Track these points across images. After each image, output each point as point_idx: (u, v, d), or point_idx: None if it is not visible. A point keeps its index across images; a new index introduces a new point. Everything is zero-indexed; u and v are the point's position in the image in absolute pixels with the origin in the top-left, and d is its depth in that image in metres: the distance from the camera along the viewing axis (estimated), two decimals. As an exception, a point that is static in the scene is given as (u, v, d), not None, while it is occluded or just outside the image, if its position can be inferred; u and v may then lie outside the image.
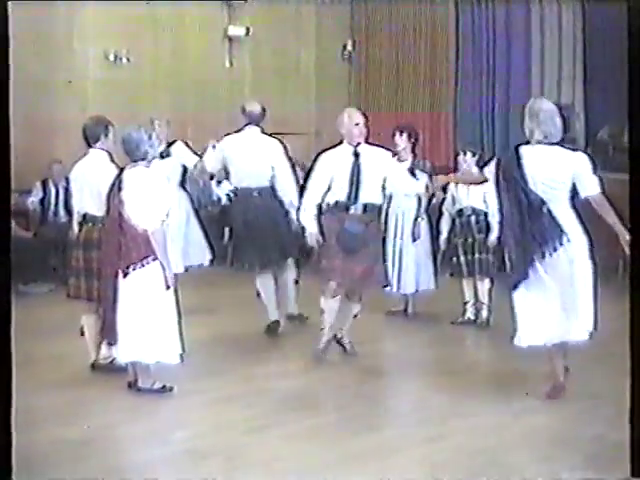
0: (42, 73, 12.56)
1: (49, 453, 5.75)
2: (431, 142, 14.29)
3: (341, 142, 7.78)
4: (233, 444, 5.94)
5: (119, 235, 6.70)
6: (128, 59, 13.30)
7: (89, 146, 7.47)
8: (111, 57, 13.22)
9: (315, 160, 7.86)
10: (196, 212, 9.53)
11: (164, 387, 6.93)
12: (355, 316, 7.95)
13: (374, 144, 7.79)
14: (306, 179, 8.07)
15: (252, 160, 8.69)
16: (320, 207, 7.74)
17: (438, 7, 14.60)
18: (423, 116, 14.59)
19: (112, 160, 7.36)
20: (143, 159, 6.72)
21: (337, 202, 7.65)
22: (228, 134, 9.00)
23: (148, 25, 13.47)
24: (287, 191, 8.75)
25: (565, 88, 13.60)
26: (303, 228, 7.93)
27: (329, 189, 7.68)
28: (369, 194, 7.66)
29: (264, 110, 8.96)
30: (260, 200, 8.73)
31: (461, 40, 14.43)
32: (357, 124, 7.69)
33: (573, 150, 6.71)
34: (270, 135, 8.92)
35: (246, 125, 8.88)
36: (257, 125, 8.86)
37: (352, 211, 7.64)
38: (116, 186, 6.75)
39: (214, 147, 8.89)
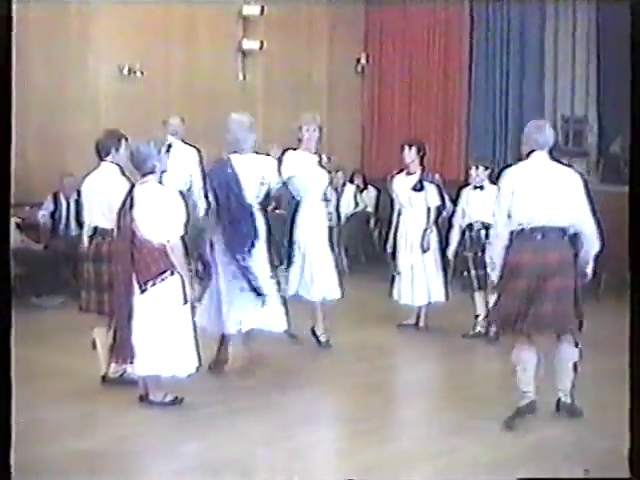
0: (55, 87, 12.60)
1: (61, 465, 5.75)
2: (443, 155, 14.30)
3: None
4: (245, 457, 5.92)
5: (132, 251, 6.66)
6: (142, 72, 13.32)
7: (100, 159, 7.50)
8: (125, 71, 13.24)
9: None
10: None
11: (175, 399, 6.93)
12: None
13: None
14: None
15: (174, 167, 8.90)
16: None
17: (452, 21, 14.61)
18: (435, 129, 14.61)
19: (123, 174, 7.38)
20: (151, 173, 6.73)
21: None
22: None
23: (161, 39, 13.48)
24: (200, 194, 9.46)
25: (578, 100, 13.58)
26: None
27: None
28: None
29: (183, 120, 10.59)
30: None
31: (475, 53, 14.44)
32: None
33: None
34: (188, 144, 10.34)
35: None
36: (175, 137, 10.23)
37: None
38: (127, 203, 6.73)
39: None
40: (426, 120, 14.77)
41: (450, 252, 9.35)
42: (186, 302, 6.65)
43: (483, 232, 8.99)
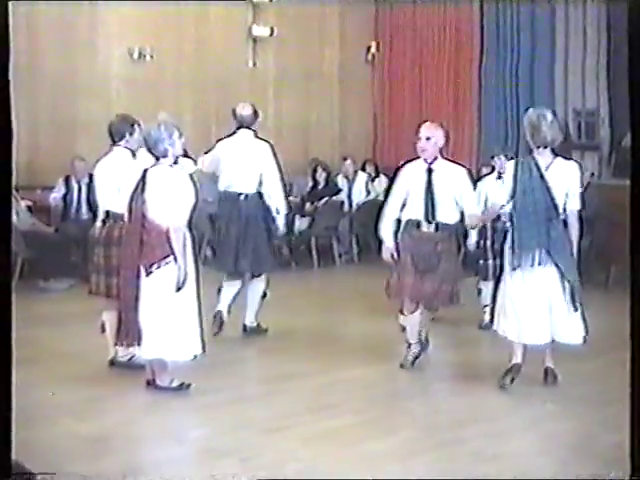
0: (66, 71, 12.61)
1: (66, 447, 5.77)
2: (454, 145, 14.21)
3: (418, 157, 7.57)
4: (249, 444, 5.93)
5: (141, 234, 6.69)
6: (152, 56, 13.33)
7: (113, 143, 7.50)
8: (135, 54, 13.26)
9: (395, 173, 7.79)
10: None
11: (182, 385, 6.93)
12: (433, 319, 8.15)
13: (451, 160, 7.55)
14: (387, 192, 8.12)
15: (243, 164, 8.52)
16: (399, 222, 7.59)
17: (463, 9, 14.55)
18: (447, 118, 14.56)
19: (135, 158, 7.38)
20: (164, 157, 6.72)
21: (410, 220, 7.50)
22: (221, 139, 8.84)
23: (172, 23, 13.49)
24: (274, 196, 8.58)
25: (589, 93, 13.51)
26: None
27: (404, 205, 7.52)
28: (443, 213, 7.43)
29: (256, 113, 8.73)
30: (245, 205, 8.55)
31: (486, 43, 14.39)
32: (428, 138, 7.40)
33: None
34: (261, 139, 8.71)
35: (238, 128, 8.69)
36: (249, 128, 8.65)
37: (425, 229, 7.47)
38: (139, 186, 6.75)
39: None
40: (437, 109, 14.73)
41: (471, 245, 9.22)
42: (179, 290, 6.63)
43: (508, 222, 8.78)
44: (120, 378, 7.21)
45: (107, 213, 7.45)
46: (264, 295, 8.79)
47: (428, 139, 7.40)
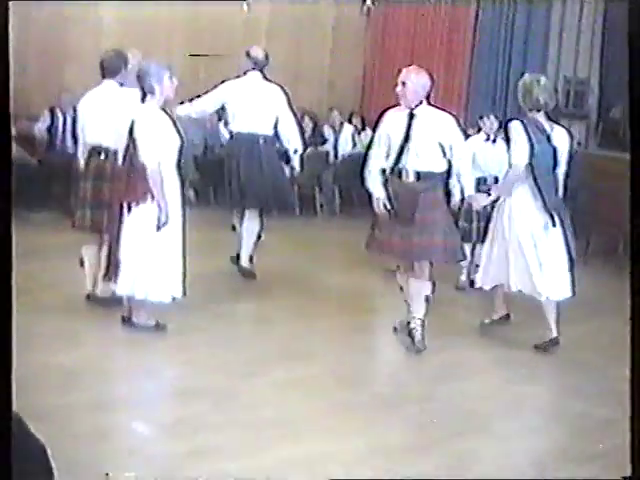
0: (57, 3, 12.47)
1: (34, 379, 5.76)
2: (442, 103, 14.14)
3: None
4: (223, 386, 5.97)
5: (130, 171, 6.72)
6: (145, -5, 13.20)
7: (103, 77, 7.45)
8: (128, -9, 13.13)
9: (378, 119, 7.28)
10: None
11: (157, 324, 6.96)
12: (427, 299, 7.11)
13: (439, 108, 7.14)
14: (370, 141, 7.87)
15: (255, 105, 8.60)
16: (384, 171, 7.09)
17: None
18: (437, 77, 14.49)
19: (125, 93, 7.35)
20: (151, 94, 6.68)
21: (392, 168, 7.02)
22: (226, 79, 8.87)
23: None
24: (291, 138, 8.78)
25: (582, 62, 13.50)
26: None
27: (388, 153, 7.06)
28: (425, 160, 6.92)
29: (267, 56, 8.85)
30: (265, 147, 8.71)
31: (482, 3, 14.30)
32: (404, 83, 6.90)
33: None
34: (271, 82, 8.80)
35: (248, 70, 8.76)
36: (260, 71, 8.73)
37: (405, 178, 6.99)
38: (131, 125, 6.73)
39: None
40: (428, 67, 14.65)
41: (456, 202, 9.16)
42: (159, 229, 6.64)
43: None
44: (96, 313, 7.22)
45: (94, 147, 7.41)
46: (259, 237, 8.90)
47: (404, 84, 6.90)
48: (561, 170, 7.17)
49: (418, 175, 6.95)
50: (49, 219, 10.65)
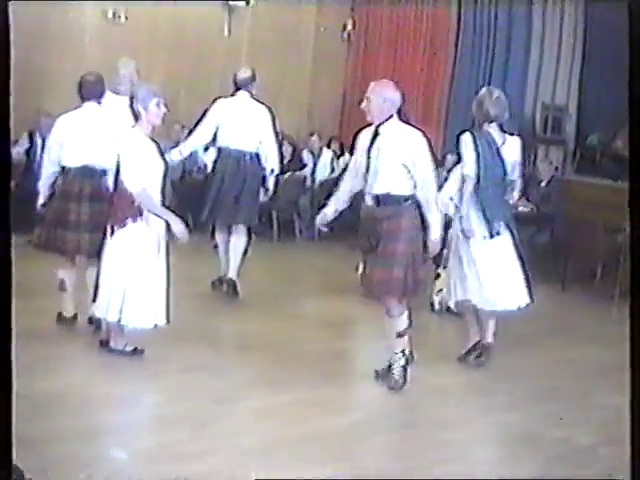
0: (38, 25, 12.45)
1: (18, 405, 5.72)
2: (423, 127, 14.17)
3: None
4: (201, 413, 5.94)
5: (112, 195, 6.80)
6: (126, 17, 13.22)
7: (82, 100, 7.46)
8: (109, 14, 13.15)
9: (354, 141, 6.89)
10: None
11: (135, 350, 6.92)
12: (400, 335, 6.58)
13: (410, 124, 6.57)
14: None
15: (243, 123, 8.88)
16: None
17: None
18: (417, 103, 14.55)
19: (107, 117, 7.42)
20: (137, 119, 6.67)
21: (359, 192, 6.62)
22: (218, 97, 9.15)
23: (148, -16, 13.38)
24: (270, 158, 8.98)
25: (560, 89, 13.60)
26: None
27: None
28: (387, 182, 6.38)
29: (254, 75, 9.10)
30: (250, 164, 8.93)
31: (461, 31, 14.38)
32: (368, 98, 6.43)
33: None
34: (259, 102, 9.07)
35: (237, 90, 9.04)
36: (246, 90, 9.00)
37: (368, 202, 6.52)
38: (119, 150, 6.76)
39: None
40: (409, 94, 14.69)
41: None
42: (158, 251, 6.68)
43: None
44: (73, 337, 7.19)
45: (65, 168, 7.45)
46: (245, 252, 9.10)
47: (368, 99, 6.42)
48: (515, 177, 7.26)
49: (377, 199, 6.43)
50: (24, 242, 10.55)
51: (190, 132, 9.46)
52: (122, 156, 6.70)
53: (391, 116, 6.41)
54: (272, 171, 9.01)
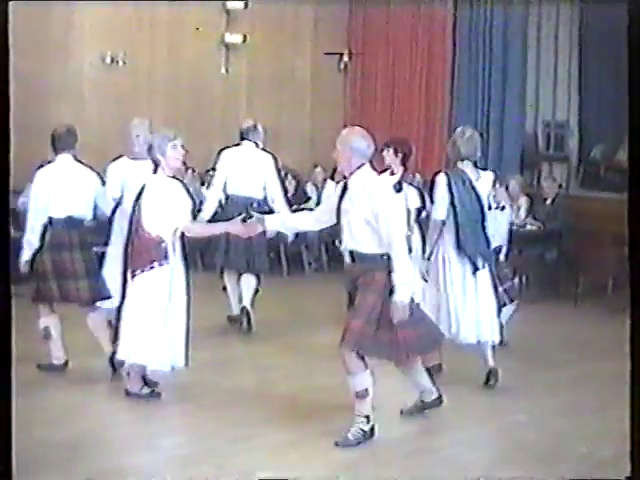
0: (38, 74, 12.53)
1: (32, 456, 5.71)
2: (424, 155, 14.25)
3: None
4: (219, 452, 5.92)
5: (133, 240, 6.78)
6: (124, 62, 13.30)
7: (55, 152, 7.58)
8: (107, 59, 13.21)
9: None
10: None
11: (152, 392, 6.92)
12: (359, 396, 6.10)
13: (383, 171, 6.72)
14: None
15: (248, 172, 9.32)
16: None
17: (435, 22, 14.56)
18: (417, 128, 14.59)
19: (81, 163, 7.61)
20: (156, 164, 6.75)
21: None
22: (224, 148, 9.59)
23: (145, 28, 13.46)
24: (276, 199, 9.38)
25: (560, 105, 13.62)
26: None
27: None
28: (355, 239, 5.94)
29: (255, 126, 9.59)
30: (257, 210, 8.83)
31: (458, 54, 14.43)
32: (335, 147, 6.09)
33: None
34: (263, 150, 9.53)
35: (242, 139, 9.51)
36: (251, 140, 9.47)
37: (346, 259, 6.08)
38: (139, 194, 6.80)
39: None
40: (408, 119, 14.76)
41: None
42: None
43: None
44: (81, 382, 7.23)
45: (52, 218, 7.47)
46: (256, 291, 9.41)
47: (336, 148, 6.05)
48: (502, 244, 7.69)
49: (352, 255, 5.98)
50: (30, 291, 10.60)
51: (208, 185, 10.00)
52: (144, 201, 6.72)
53: (361, 165, 5.97)
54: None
